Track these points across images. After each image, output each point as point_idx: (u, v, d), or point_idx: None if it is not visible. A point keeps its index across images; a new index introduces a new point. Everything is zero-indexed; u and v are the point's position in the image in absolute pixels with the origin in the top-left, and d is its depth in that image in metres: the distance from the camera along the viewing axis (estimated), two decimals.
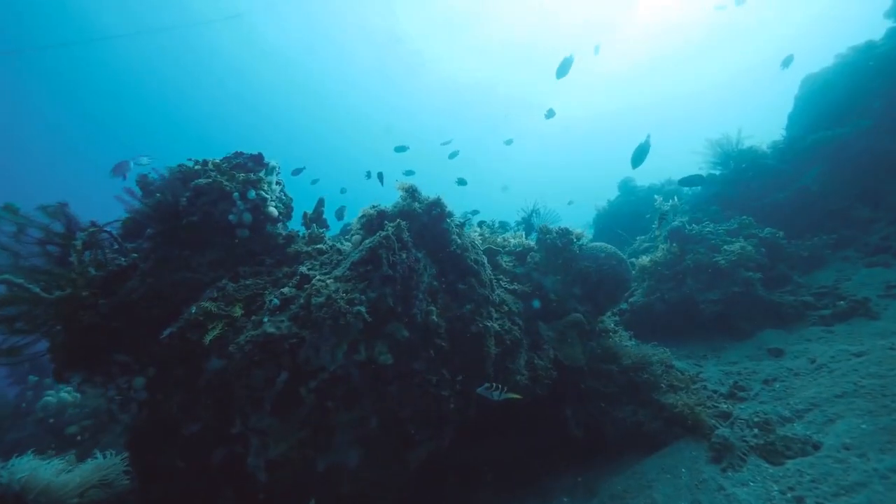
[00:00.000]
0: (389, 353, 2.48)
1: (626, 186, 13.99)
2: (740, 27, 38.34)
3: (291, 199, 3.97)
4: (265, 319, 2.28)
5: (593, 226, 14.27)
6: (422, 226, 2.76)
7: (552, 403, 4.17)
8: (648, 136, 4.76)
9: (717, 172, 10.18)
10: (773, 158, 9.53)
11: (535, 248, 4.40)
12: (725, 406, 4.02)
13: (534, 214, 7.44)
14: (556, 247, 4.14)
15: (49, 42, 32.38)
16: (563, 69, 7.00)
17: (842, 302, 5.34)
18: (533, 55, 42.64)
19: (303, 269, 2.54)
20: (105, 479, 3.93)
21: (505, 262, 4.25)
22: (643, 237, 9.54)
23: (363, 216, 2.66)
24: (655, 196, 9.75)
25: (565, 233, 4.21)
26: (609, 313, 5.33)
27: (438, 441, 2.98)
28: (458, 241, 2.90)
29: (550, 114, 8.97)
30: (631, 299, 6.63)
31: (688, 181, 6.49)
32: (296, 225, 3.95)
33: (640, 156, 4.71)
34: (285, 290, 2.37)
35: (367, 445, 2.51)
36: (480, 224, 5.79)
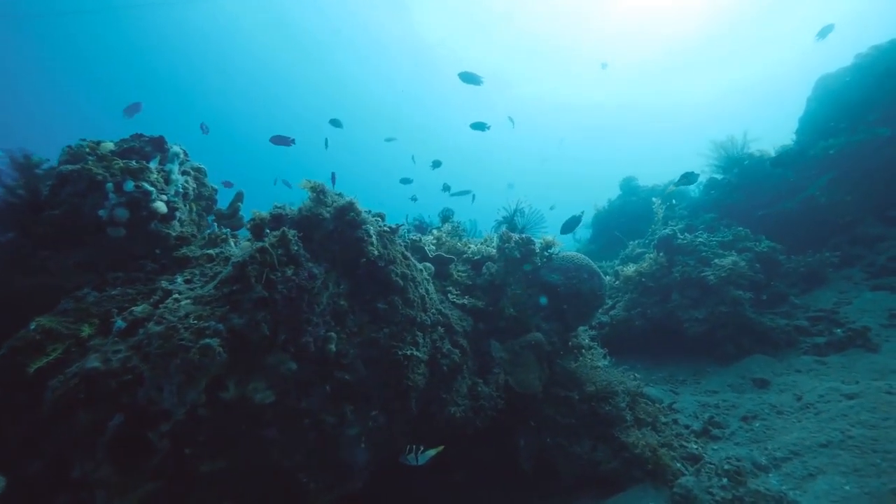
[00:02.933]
0: (270, 391, 2.04)
1: (629, 186, 13.29)
2: (745, 33, 36.63)
3: (215, 191, 3.51)
4: (107, 346, 1.84)
5: (591, 227, 13.66)
6: (327, 234, 2.29)
7: (506, 430, 3.75)
8: (583, 212, 5.47)
9: (720, 177, 9.57)
10: (780, 165, 8.89)
11: (496, 256, 3.93)
12: (695, 447, 3.57)
13: (517, 214, 6.93)
14: (515, 258, 3.67)
15: (62, 8, 31.54)
16: (467, 79, 7.49)
17: (839, 329, 4.84)
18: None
19: (173, 282, 2.10)
20: None
21: (459, 271, 3.79)
22: (636, 242, 8.98)
23: (253, 219, 2.19)
24: (654, 199, 9.19)
25: (527, 241, 3.72)
26: (584, 328, 4.87)
27: (348, 485, 2.56)
28: (377, 252, 2.43)
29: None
30: (612, 312, 6.15)
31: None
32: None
33: (569, 226, 5.24)
34: (137, 309, 1.93)
35: (241, 499, 2.09)
36: (445, 219, 5.32)
